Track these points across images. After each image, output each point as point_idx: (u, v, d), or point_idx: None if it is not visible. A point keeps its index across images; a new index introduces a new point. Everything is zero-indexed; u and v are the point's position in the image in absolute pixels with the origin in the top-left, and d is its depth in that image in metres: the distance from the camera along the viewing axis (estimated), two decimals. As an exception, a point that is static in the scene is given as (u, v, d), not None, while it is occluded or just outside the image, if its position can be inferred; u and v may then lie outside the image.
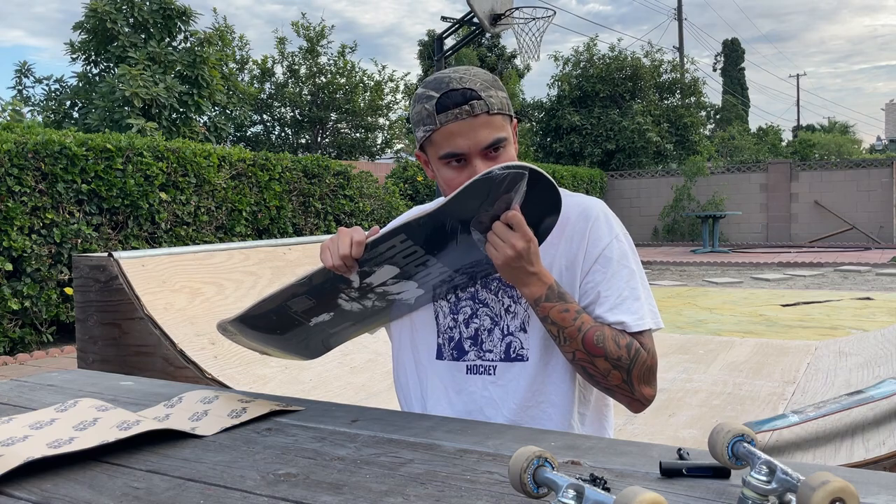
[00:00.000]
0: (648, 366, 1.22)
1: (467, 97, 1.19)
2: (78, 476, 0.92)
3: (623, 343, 1.20)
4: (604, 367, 1.19)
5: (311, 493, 0.84)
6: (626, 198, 16.75)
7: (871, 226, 14.70)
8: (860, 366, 3.11)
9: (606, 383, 1.22)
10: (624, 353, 1.20)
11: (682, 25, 30.35)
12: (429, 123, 1.22)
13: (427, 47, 20.49)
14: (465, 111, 1.19)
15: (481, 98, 1.20)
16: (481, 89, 1.20)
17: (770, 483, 0.72)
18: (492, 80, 1.25)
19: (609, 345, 1.19)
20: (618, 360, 1.19)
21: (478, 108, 1.19)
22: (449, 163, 1.22)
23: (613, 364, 1.19)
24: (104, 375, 1.54)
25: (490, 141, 1.20)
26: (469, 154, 1.21)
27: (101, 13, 9.97)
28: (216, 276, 3.01)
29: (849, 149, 28.00)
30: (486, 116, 1.20)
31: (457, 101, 1.19)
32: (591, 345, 1.18)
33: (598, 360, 1.19)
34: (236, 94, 12.21)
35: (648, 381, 1.23)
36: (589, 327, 1.19)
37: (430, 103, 1.21)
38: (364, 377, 3.16)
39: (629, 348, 1.20)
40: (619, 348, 1.19)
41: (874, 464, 1.94)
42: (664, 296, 8.18)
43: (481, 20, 7.92)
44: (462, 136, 1.19)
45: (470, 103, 1.19)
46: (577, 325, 1.18)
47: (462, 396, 1.30)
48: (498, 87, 1.25)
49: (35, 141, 5.58)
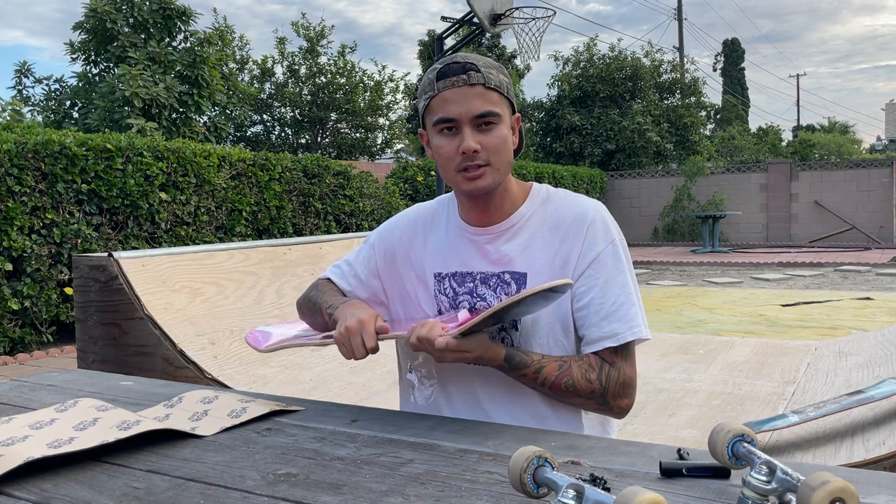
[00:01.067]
0: (622, 382, 1.24)
1: (466, 68, 1.24)
2: (78, 476, 0.92)
3: (594, 377, 1.23)
4: (578, 402, 1.25)
5: (311, 493, 0.84)
6: (626, 198, 16.75)
7: (871, 226, 14.70)
8: (860, 366, 3.11)
9: (585, 409, 1.28)
10: (596, 385, 1.22)
11: (682, 25, 30.35)
12: (429, 91, 1.27)
13: (427, 47, 20.49)
14: (461, 80, 1.23)
15: (480, 71, 1.24)
16: (482, 66, 1.25)
17: (770, 483, 0.72)
18: (497, 65, 1.29)
19: (580, 384, 1.22)
20: (591, 394, 1.23)
21: (474, 78, 1.24)
22: (441, 130, 1.26)
23: (587, 397, 1.23)
24: (104, 375, 1.54)
25: (481, 111, 1.23)
26: (460, 121, 1.23)
27: (100, 13, 9.96)
28: (216, 276, 3.01)
29: (849, 149, 27.99)
30: (482, 88, 1.24)
31: (456, 70, 1.24)
32: (561, 391, 1.22)
33: (571, 399, 1.24)
34: (236, 94, 12.21)
35: (624, 394, 1.25)
36: (553, 378, 1.21)
37: (432, 73, 1.28)
38: (364, 377, 3.16)
39: (600, 378, 1.23)
40: (590, 383, 1.22)
41: (874, 464, 1.94)
42: (664, 296, 8.18)
43: (481, 20, 7.91)
44: (456, 102, 1.23)
45: (468, 72, 1.24)
46: (540, 381, 1.22)
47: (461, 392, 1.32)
48: (502, 72, 1.29)
49: (35, 141, 5.57)
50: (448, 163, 1.26)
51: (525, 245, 1.30)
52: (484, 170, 1.24)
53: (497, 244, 1.31)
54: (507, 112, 1.27)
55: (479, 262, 1.32)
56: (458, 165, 1.24)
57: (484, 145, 1.23)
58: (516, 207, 1.33)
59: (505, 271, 1.29)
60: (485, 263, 1.31)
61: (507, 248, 1.30)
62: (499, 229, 1.31)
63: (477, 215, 1.33)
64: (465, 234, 1.34)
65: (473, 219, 1.34)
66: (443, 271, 1.34)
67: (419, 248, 1.38)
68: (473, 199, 1.30)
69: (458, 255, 1.33)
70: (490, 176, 1.25)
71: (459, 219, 1.36)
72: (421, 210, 1.44)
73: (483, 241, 1.32)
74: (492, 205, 1.31)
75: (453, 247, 1.35)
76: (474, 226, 1.33)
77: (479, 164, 1.24)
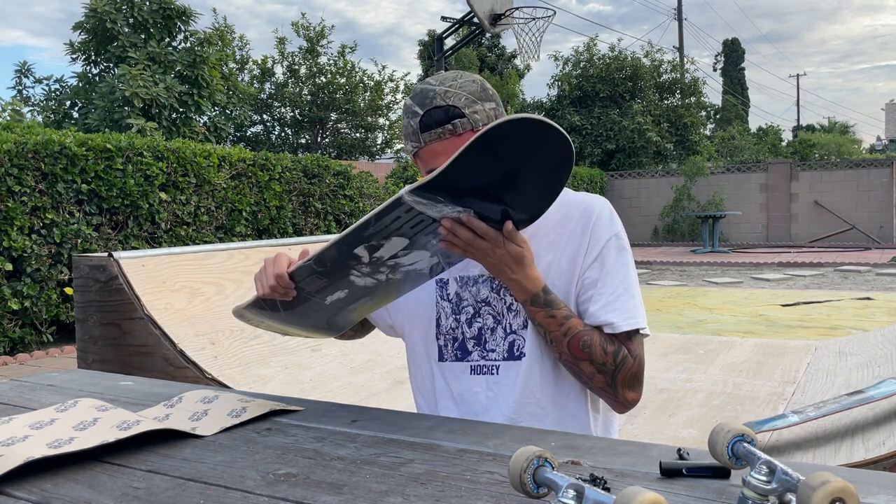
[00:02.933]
0: (634, 372, 1.24)
1: (450, 115, 1.18)
2: (78, 476, 0.92)
3: (610, 350, 1.22)
4: (589, 370, 1.22)
5: (311, 493, 0.84)
6: (626, 198, 16.75)
7: (871, 226, 14.70)
8: (860, 366, 3.11)
9: (591, 385, 1.25)
10: (610, 359, 1.21)
11: (682, 25, 30.35)
12: (414, 141, 1.23)
13: (427, 47, 20.49)
14: (447, 130, 1.18)
15: (465, 116, 1.18)
16: (465, 105, 1.18)
17: (770, 483, 0.72)
18: (479, 91, 1.22)
19: (596, 350, 1.21)
20: (602, 366, 1.21)
21: (460, 127, 1.18)
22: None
23: (598, 368, 1.21)
24: (104, 375, 1.54)
25: None
26: None
27: (101, 13, 9.97)
28: (216, 276, 3.01)
29: (849, 149, 27.98)
30: (471, 134, 1.18)
31: (439, 119, 1.18)
32: (577, 350, 1.21)
33: (583, 364, 1.22)
34: (236, 94, 12.21)
35: (633, 386, 1.24)
36: (575, 333, 1.20)
37: (414, 120, 1.21)
38: (364, 377, 3.16)
39: (616, 355, 1.22)
40: (605, 354, 1.21)
41: (874, 464, 1.94)
42: (664, 296, 8.18)
43: (481, 20, 7.92)
44: (445, 155, 1.15)
45: (452, 122, 1.18)
46: (563, 330, 1.20)
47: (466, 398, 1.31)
48: (485, 97, 1.22)
49: (35, 141, 5.57)
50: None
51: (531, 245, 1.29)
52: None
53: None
54: None
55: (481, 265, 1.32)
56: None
57: None
58: None
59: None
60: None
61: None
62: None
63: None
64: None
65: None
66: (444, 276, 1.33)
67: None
68: None
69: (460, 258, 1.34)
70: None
71: None
72: None
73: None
74: None
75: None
76: None
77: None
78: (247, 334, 2.95)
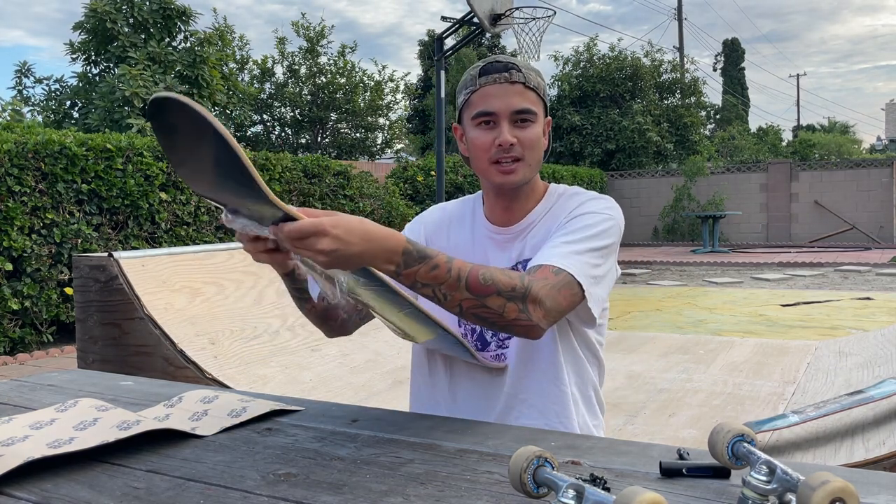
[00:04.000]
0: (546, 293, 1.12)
1: (508, 67, 1.29)
2: (78, 476, 0.92)
3: (515, 275, 1.11)
4: (497, 303, 1.08)
5: (311, 493, 0.84)
6: (626, 198, 16.74)
7: (871, 226, 14.69)
8: (860, 366, 3.11)
9: (502, 321, 1.10)
10: (517, 282, 1.09)
11: (682, 25, 30.35)
12: (470, 86, 1.31)
13: (427, 47, 20.49)
14: (503, 77, 1.28)
15: (521, 71, 1.29)
16: (523, 67, 1.30)
17: (770, 483, 0.72)
18: (537, 69, 1.33)
19: (499, 279, 1.08)
20: (512, 291, 1.08)
21: (515, 76, 1.28)
22: (479, 123, 1.29)
23: (508, 297, 1.08)
24: (104, 375, 1.54)
25: (520, 107, 1.27)
26: (499, 115, 1.27)
27: (101, 13, 9.96)
28: (216, 276, 3.01)
29: (849, 149, 27.98)
30: (522, 87, 1.28)
31: (498, 68, 1.29)
32: (479, 286, 1.07)
33: (489, 300, 1.07)
34: (236, 94, 12.21)
35: (544, 304, 1.12)
36: (468, 270, 1.07)
37: (475, 70, 1.32)
38: (364, 377, 3.16)
39: (522, 278, 1.11)
40: (510, 279, 1.09)
41: (874, 464, 1.94)
42: (664, 296, 8.18)
43: (481, 20, 7.91)
44: (497, 97, 1.27)
45: (509, 71, 1.28)
46: (454, 275, 1.05)
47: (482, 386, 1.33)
48: (540, 76, 1.32)
49: (35, 141, 5.57)
50: (483, 154, 1.29)
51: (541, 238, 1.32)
52: (517, 165, 1.28)
53: (515, 242, 1.35)
54: (541, 113, 1.31)
55: (498, 260, 1.35)
56: (492, 157, 1.28)
57: (520, 140, 1.27)
58: (535, 206, 1.36)
59: (517, 263, 1.33)
60: (502, 260, 1.34)
61: (524, 244, 1.34)
62: (518, 228, 1.35)
63: (501, 213, 1.36)
64: (487, 234, 1.38)
65: (497, 217, 1.37)
66: None
67: (442, 244, 1.41)
68: (500, 195, 1.34)
69: (480, 253, 1.36)
70: (521, 171, 1.28)
71: (484, 218, 1.39)
72: (447, 208, 1.47)
73: (503, 240, 1.36)
74: (516, 203, 1.35)
75: (477, 245, 1.38)
76: (497, 225, 1.37)
77: (513, 156, 1.27)
78: (247, 334, 2.95)
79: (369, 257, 0.98)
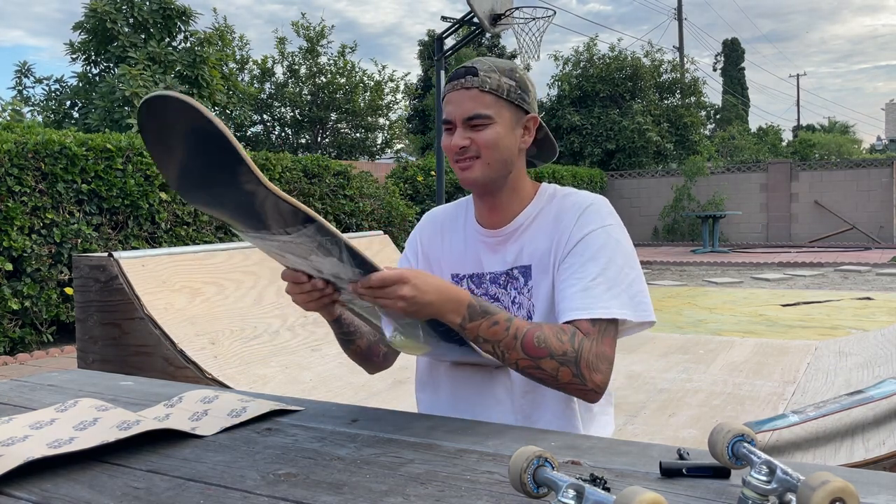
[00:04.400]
0: (597, 353, 1.18)
1: (466, 72, 1.30)
2: (78, 476, 0.92)
3: (566, 338, 1.16)
4: (551, 366, 1.15)
5: (311, 493, 0.84)
6: (626, 198, 16.75)
7: (871, 226, 14.69)
8: (860, 366, 3.11)
9: (557, 383, 1.17)
10: (568, 346, 1.15)
11: (682, 25, 30.34)
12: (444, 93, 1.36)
13: (427, 47, 20.49)
14: (459, 83, 1.30)
15: (477, 75, 1.29)
16: (485, 69, 1.29)
17: (770, 483, 0.72)
18: (508, 69, 1.31)
19: (552, 343, 1.14)
20: (563, 355, 1.15)
21: (469, 82, 1.29)
22: (445, 129, 1.33)
23: (560, 361, 1.15)
24: (104, 375, 1.54)
25: (469, 113, 1.28)
26: (454, 121, 1.30)
27: (101, 13, 9.96)
28: (216, 276, 3.01)
29: (849, 149, 27.97)
30: (477, 91, 1.28)
31: (458, 74, 1.31)
32: (533, 348, 1.14)
33: (543, 362, 1.15)
34: (236, 94, 12.21)
35: (598, 368, 1.17)
36: (525, 331, 1.14)
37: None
38: (364, 377, 3.15)
39: (572, 341, 1.16)
40: (562, 343, 1.15)
41: (874, 464, 1.94)
42: (664, 296, 8.18)
43: (481, 20, 7.91)
44: (453, 103, 1.30)
45: (465, 76, 1.29)
46: (512, 333, 1.14)
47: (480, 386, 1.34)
48: (510, 76, 1.30)
49: (35, 141, 5.57)
50: (449, 157, 1.32)
51: (531, 240, 1.33)
52: (474, 161, 1.29)
53: (507, 244, 1.35)
54: (506, 114, 1.29)
55: (492, 263, 1.35)
56: (454, 159, 1.31)
57: (474, 140, 1.28)
58: (524, 207, 1.36)
59: (513, 267, 1.33)
60: (496, 264, 1.35)
61: (516, 246, 1.34)
62: (508, 230, 1.35)
63: (487, 214, 1.37)
64: (478, 237, 1.39)
65: (485, 219, 1.38)
66: (460, 272, 1.39)
67: (437, 249, 1.44)
68: (481, 196, 1.36)
69: (473, 257, 1.38)
70: (479, 168, 1.29)
71: (475, 221, 1.40)
72: (440, 212, 1.49)
73: (494, 243, 1.36)
74: (499, 204, 1.35)
75: (469, 248, 1.39)
76: (487, 227, 1.38)
77: (468, 156, 1.29)
78: (247, 334, 2.95)
79: (439, 307, 1.10)
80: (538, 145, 1.42)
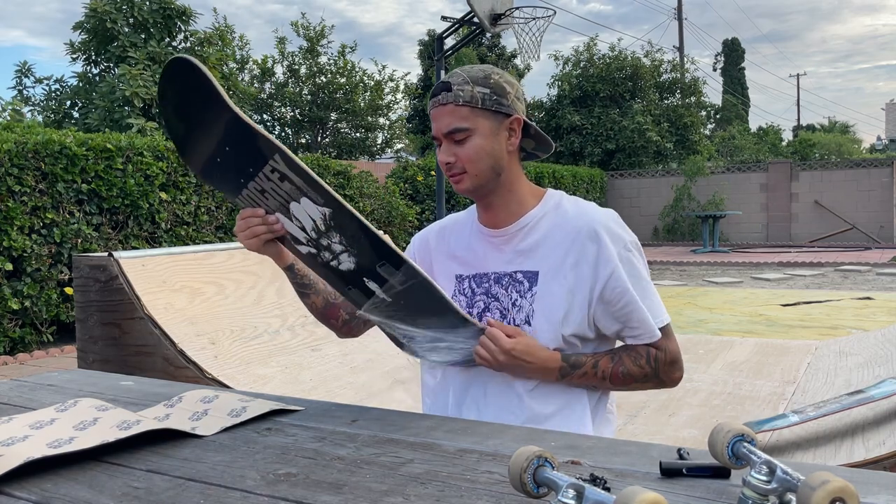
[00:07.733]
0: (670, 360, 1.34)
1: (441, 89, 1.34)
2: (78, 476, 0.92)
3: (643, 361, 1.32)
4: (636, 387, 1.35)
5: (311, 493, 0.84)
6: (626, 198, 16.75)
7: (872, 226, 14.69)
8: (860, 366, 3.11)
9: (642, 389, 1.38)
10: (647, 369, 1.32)
11: (682, 25, 30.34)
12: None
13: (427, 47, 20.48)
14: (437, 100, 1.34)
15: (451, 90, 1.32)
16: (458, 83, 1.32)
17: (770, 483, 0.72)
18: (482, 77, 1.33)
19: (634, 371, 1.32)
20: (645, 377, 1.33)
21: (444, 98, 1.33)
22: (436, 143, 1.39)
23: (643, 381, 1.34)
24: (104, 375, 1.54)
25: (448, 128, 1.32)
26: (438, 139, 1.35)
27: (101, 13, 9.96)
28: (216, 276, 3.01)
29: (849, 148, 27.98)
30: (452, 107, 1.32)
31: (435, 91, 1.35)
32: (620, 382, 1.32)
33: (630, 387, 1.35)
34: (236, 94, 12.21)
35: (674, 369, 1.35)
36: (610, 371, 1.31)
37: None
38: (364, 377, 3.15)
39: (649, 361, 1.32)
40: (641, 368, 1.32)
41: (874, 464, 1.94)
42: (664, 296, 8.13)
43: (481, 20, 7.91)
44: (435, 121, 1.35)
45: (441, 93, 1.33)
46: (600, 376, 1.31)
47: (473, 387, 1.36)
48: (483, 83, 1.32)
49: (35, 141, 5.57)
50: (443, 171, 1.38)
51: (536, 244, 1.35)
52: (462, 176, 1.34)
53: (511, 244, 1.37)
54: (485, 122, 1.32)
55: (494, 263, 1.37)
56: (445, 172, 1.37)
57: (457, 155, 1.33)
58: (527, 209, 1.38)
59: (517, 270, 1.35)
60: (499, 263, 1.37)
61: (520, 247, 1.36)
62: (512, 230, 1.37)
63: (487, 215, 1.40)
64: (482, 236, 1.41)
65: (486, 220, 1.41)
66: (463, 273, 1.41)
67: (443, 253, 1.46)
68: (477, 200, 1.41)
69: (476, 257, 1.40)
70: (468, 181, 1.34)
71: (478, 222, 1.43)
72: (451, 218, 1.54)
73: (498, 242, 1.39)
74: (497, 204, 1.38)
75: (472, 249, 1.42)
76: (490, 227, 1.40)
77: (456, 172, 1.34)
78: (247, 334, 2.95)
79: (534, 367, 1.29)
80: (535, 139, 1.42)
